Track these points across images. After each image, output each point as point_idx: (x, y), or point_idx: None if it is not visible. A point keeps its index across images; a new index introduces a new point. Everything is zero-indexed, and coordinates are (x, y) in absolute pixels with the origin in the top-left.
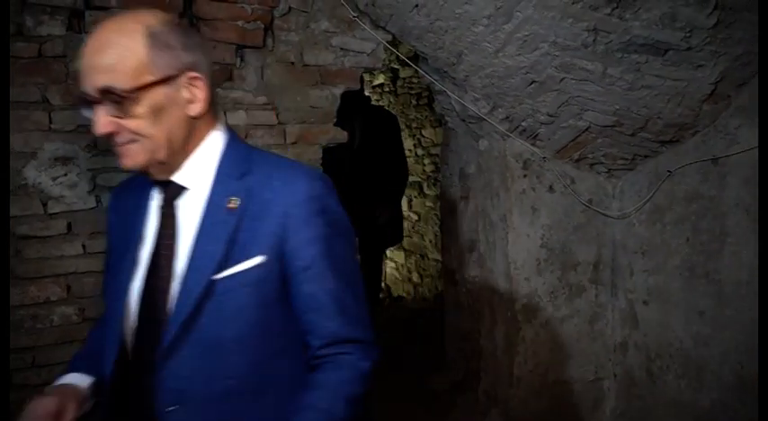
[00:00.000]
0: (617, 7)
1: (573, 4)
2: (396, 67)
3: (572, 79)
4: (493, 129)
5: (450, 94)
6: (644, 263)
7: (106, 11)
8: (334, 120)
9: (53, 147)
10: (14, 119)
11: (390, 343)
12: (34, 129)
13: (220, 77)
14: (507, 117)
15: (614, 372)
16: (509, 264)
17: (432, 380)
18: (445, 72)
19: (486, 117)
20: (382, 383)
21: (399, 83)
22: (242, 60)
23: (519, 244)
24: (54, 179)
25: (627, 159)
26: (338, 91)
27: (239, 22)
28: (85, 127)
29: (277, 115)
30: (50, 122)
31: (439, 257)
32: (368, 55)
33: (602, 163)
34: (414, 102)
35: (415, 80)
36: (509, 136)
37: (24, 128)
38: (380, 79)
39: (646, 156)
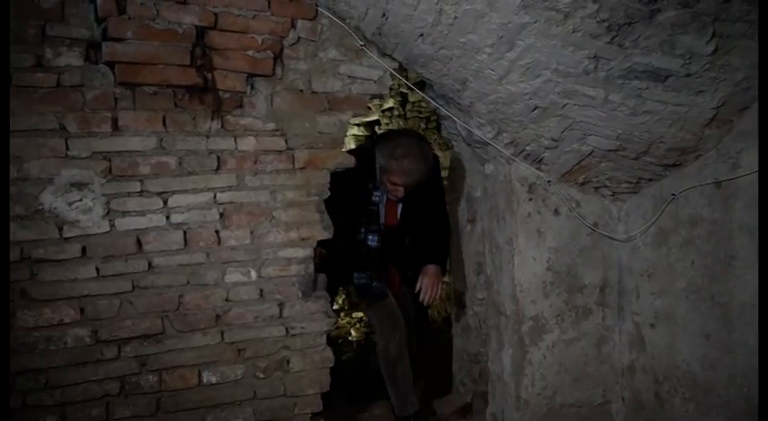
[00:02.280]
0: (617, 35)
1: (573, 32)
2: (405, 91)
3: (574, 105)
4: (498, 154)
5: (455, 119)
6: (650, 285)
7: (122, 42)
8: (343, 145)
9: (69, 173)
10: (32, 146)
11: None
12: (51, 156)
13: (231, 105)
14: (512, 142)
15: (622, 396)
16: (515, 286)
17: (440, 404)
18: (451, 98)
19: (491, 142)
20: (388, 406)
21: (408, 107)
22: (252, 88)
23: (525, 267)
24: (70, 204)
25: (631, 183)
26: (346, 117)
27: (250, 52)
28: (100, 153)
29: (286, 141)
30: (67, 149)
31: (447, 280)
32: (375, 82)
33: (606, 186)
34: (423, 125)
35: (423, 104)
36: (514, 160)
37: (42, 154)
38: (390, 103)
39: (650, 180)
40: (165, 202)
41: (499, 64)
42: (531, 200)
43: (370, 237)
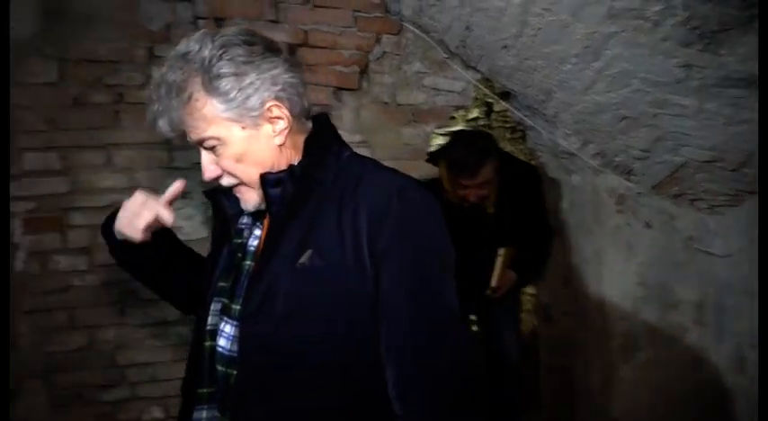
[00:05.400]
0: (710, 43)
1: (663, 41)
2: (490, 100)
3: (666, 115)
4: (585, 165)
5: (540, 129)
6: (753, 304)
7: None
8: (427, 157)
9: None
10: (142, 158)
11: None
12: (157, 167)
13: None
14: (599, 152)
15: None
16: (603, 300)
17: (527, 417)
18: (535, 108)
19: (577, 152)
20: None
21: (493, 116)
22: (339, 101)
23: (614, 281)
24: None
25: (729, 195)
26: (429, 128)
27: (337, 67)
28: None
29: (371, 152)
30: (171, 161)
31: (534, 292)
32: (458, 93)
33: (702, 199)
34: (508, 135)
35: (509, 113)
36: (602, 171)
37: (150, 166)
38: (475, 113)
39: (751, 192)
40: None
41: (585, 74)
42: (619, 212)
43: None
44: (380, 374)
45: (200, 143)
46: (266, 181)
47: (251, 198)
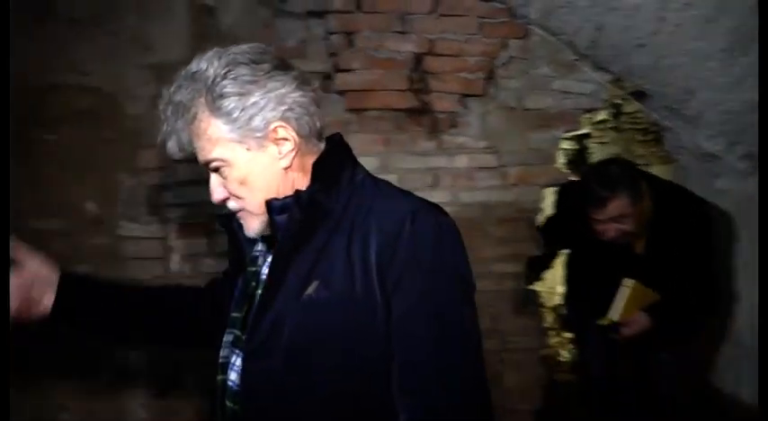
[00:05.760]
0: None
1: None
2: (618, 102)
3: None
4: (732, 167)
5: (679, 131)
6: None
7: (351, 72)
8: (558, 163)
9: None
10: None
11: None
12: None
13: (446, 125)
14: (748, 154)
15: None
16: (756, 315)
17: None
18: (674, 108)
19: (722, 154)
20: None
21: (623, 118)
22: (465, 108)
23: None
24: None
25: None
26: (558, 133)
27: (463, 74)
28: None
29: (498, 158)
30: None
31: None
32: (588, 96)
33: None
34: (639, 137)
35: (640, 115)
36: (751, 174)
37: None
38: (602, 115)
39: None
40: None
41: (732, 70)
42: None
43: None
44: (390, 410)
45: (207, 165)
46: (272, 207)
47: (252, 224)
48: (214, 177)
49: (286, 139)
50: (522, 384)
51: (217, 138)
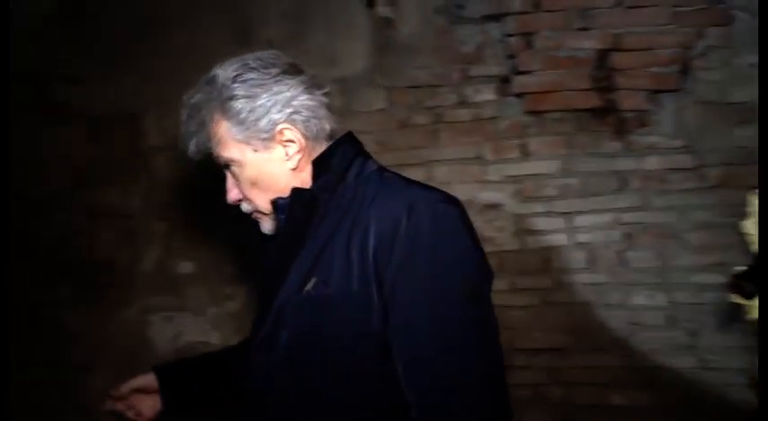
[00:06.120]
0: None
1: None
2: None
3: None
4: None
5: None
6: None
7: (529, 74)
8: None
9: (486, 195)
10: (457, 172)
11: None
12: (471, 181)
13: (634, 124)
14: None
15: None
16: None
17: None
18: None
19: None
20: None
21: None
22: (656, 105)
23: None
24: (486, 222)
25: None
26: None
27: (653, 69)
28: (511, 177)
29: (695, 158)
30: (485, 174)
31: None
32: None
33: None
34: None
35: None
36: None
37: (464, 179)
38: None
39: None
40: (569, 222)
41: None
42: None
43: None
44: (390, 406)
45: (222, 166)
46: (277, 206)
47: (266, 223)
48: (229, 178)
49: (292, 141)
50: (722, 406)
51: (227, 140)
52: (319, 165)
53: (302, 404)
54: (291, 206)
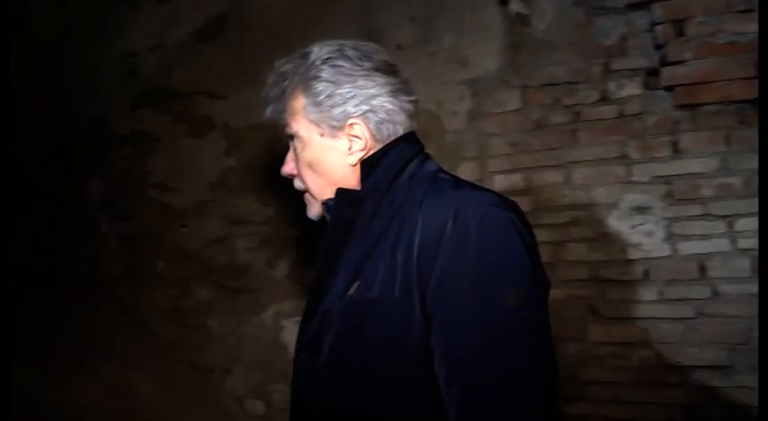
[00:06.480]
0: None
1: None
2: None
3: None
4: None
5: None
6: None
7: (681, 64)
8: None
9: (632, 197)
10: (598, 174)
11: None
12: (615, 182)
13: None
14: None
15: None
16: None
17: None
18: None
19: None
20: None
21: None
22: None
23: None
24: (632, 227)
25: None
26: None
27: None
28: (661, 178)
29: None
30: (630, 175)
31: None
32: None
33: None
34: None
35: None
36: None
37: (607, 181)
38: None
39: None
40: (730, 226)
41: None
42: None
43: None
44: (428, 414)
45: (288, 137)
46: (327, 207)
47: (313, 209)
48: (291, 152)
49: (359, 137)
50: None
51: (299, 115)
52: (368, 166)
53: (343, 408)
54: (337, 207)
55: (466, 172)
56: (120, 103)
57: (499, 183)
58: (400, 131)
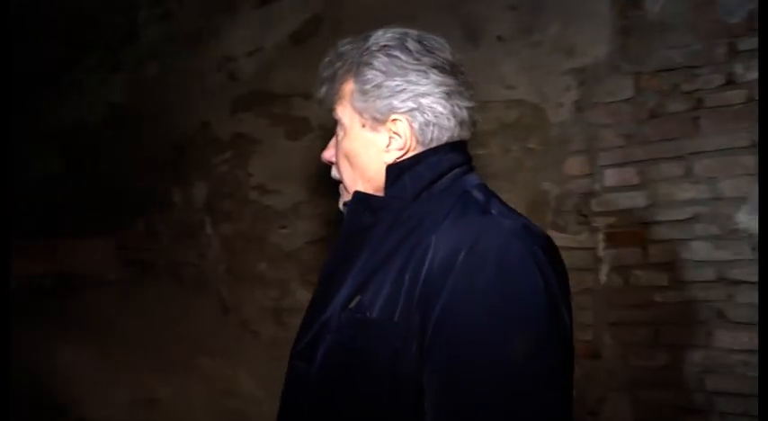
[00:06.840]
0: None
1: None
2: None
3: None
4: None
5: None
6: None
7: None
8: None
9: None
10: (725, 164)
11: None
12: (743, 174)
13: None
14: None
15: None
16: None
17: None
18: None
19: None
20: None
21: None
22: None
23: None
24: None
25: None
26: None
27: None
28: None
29: None
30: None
31: None
32: None
33: None
34: None
35: None
36: None
37: (734, 173)
38: None
39: None
40: None
41: None
42: None
43: None
44: None
45: (335, 123)
46: (348, 208)
47: (345, 199)
48: (334, 138)
49: (399, 135)
50: None
51: (344, 99)
52: (397, 171)
53: None
54: (353, 212)
55: (573, 167)
56: (221, 107)
57: (610, 177)
58: (445, 138)
